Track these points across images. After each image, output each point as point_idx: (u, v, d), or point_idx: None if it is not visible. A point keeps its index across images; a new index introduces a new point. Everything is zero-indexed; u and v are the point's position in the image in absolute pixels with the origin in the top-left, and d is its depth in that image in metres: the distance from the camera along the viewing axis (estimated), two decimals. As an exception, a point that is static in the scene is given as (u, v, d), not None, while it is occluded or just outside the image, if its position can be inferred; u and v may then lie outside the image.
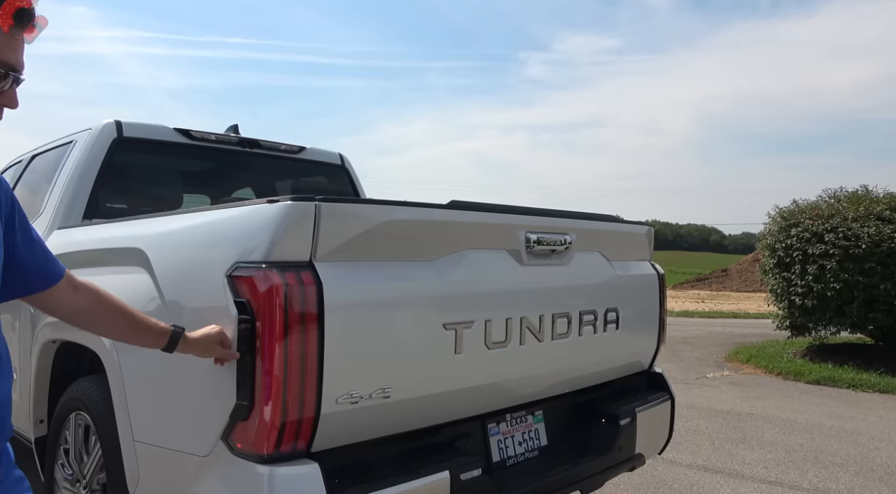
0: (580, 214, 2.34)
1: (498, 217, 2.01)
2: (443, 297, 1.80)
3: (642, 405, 2.50)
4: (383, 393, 1.65)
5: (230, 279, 1.56)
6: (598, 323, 2.36)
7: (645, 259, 2.77)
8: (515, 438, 2.18)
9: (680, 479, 3.71)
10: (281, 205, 1.56)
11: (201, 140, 3.28)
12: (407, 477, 1.64)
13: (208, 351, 1.51)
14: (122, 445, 1.85)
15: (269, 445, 1.49)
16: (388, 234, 1.71)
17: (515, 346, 2.00)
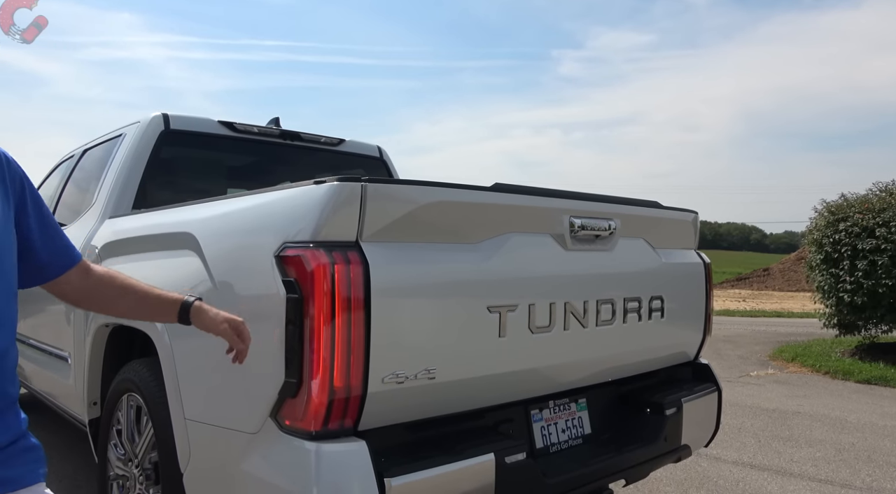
0: (624, 199, 2.30)
1: (542, 200, 2.00)
2: (486, 280, 1.79)
3: (688, 395, 2.45)
4: (428, 373, 1.65)
5: (278, 259, 1.58)
6: (642, 311, 2.32)
7: (690, 247, 2.71)
8: (559, 425, 2.16)
9: (725, 475, 3.62)
10: (328, 185, 1.57)
11: (244, 132, 3.35)
12: (452, 458, 1.64)
13: (215, 328, 1.38)
14: (174, 424, 1.90)
15: (317, 422, 1.51)
16: (432, 216, 1.71)
17: (559, 331, 1.98)
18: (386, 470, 1.50)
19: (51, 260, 1.23)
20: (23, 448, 1.10)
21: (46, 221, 1.21)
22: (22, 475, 1.09)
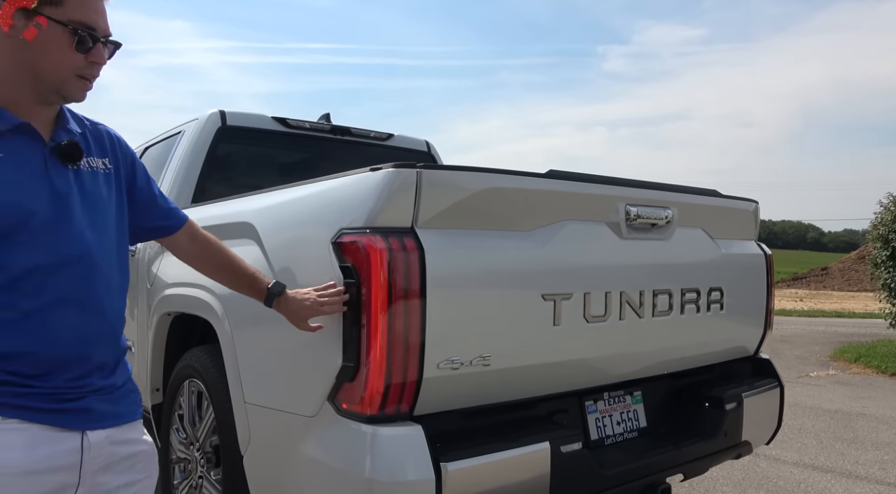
0: (682, 188, 2.25)
1: (597, 188, 1.96)
2: (541, 267, 1.78)
3: (749, 390, 2.37)
4: (483, 360, 1.65)
5: (335, 245, 1.60)
6: (700, 303, 2.25)
7: (751, 238, 2.62)
8: (613, 417, 2.12)
9: (786, 476, 3.49)
10: (384, 172, 1.59)
11: (297, 128, 3.42)
12: (507, 445, 1.63)
13: (292, 318, 1.56)
14: (234, 408, 1.95)
15: (374, 406, 1.52)
16: (486, 203, 1.71)
17: (615, 321, 1.95)
18: (442, 455, 1.51)
19: (161, 222, 1.46)
20: (130, 390, 1.33)
21: (156, 190, 1.46)
22: (130, 411, 1.31)
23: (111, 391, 1.26)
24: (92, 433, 1.20)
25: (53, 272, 1.16)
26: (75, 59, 1.17)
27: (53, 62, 1.16)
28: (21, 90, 1.17)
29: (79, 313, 1.19)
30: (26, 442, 1.12)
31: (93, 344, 1.21)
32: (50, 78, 1.17)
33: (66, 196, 1.19)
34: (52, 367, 1.15)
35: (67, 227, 1.18)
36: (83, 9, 1.16)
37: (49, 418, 1.15)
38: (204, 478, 2.24)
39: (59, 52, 1.15)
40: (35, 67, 1.16)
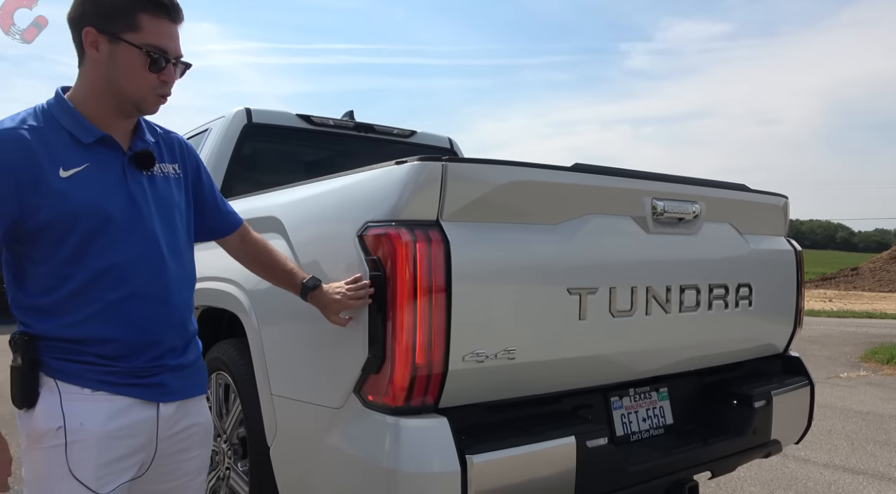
0: (710, 182, 2.22)
1: (623, 181, 1.95)
2: (566, 261, 1.77)
3: (779, 388, 2.33)
4: (508, 354, 1.64)
5: (361, 238, 1.61)
6: (728, 299, 2.22)
7: (780, 234, 2.57)
8: (639, 414, 2.10)
9: (815, 477, 3.42)
10: (409, 165, 1.59)
11: (321, 125, 3.45)
12: (533, 439, 1.63)
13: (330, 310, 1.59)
14: (261, 400, 1.97)
15: (399, 398, 1.53)
16: (511, 196, 1.70)
17: (641, 316, 1.93)
18: (467, 447, 1.51)
19: (219, 223, 1.60)
20: (199, 367, 1.50)
21: (216, 194, 1.59)
22: (198, 385, 1.49)
23: (183, 369, 1.42)
24: (164, 405, 1.37)
25: (130, 268, 1.31)
26: (150, 78, 1.30)
27: (131, 81, 1.29)
28: (104, 105, 1.31)
29: (151, 304, 1.34)
30: (110, 412, 1.29)
31: (163, 331, 1.37)
32: (129, 95, 1.31)
33: (141, 199, 1.34)
34: (132, 351, 1.32)
35: (141, 228, 1.33)
36: (157, 34, 1.29)
37: (129, 391, 1.32)
38: (231, 469, 2.27)
39: (136, 72, 1.29)
40: (116, 85, 1.29)
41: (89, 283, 1.28)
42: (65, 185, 1.24)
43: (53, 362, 1.28)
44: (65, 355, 1.28)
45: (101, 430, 1.27)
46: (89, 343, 1.28)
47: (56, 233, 1.25)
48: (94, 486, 1.26)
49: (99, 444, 1.27)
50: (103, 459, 1.27)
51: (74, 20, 1.29)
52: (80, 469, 1.25)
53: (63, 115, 1.29)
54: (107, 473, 1.28)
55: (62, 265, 1.27)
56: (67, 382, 1.28)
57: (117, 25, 1.26)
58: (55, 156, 1.24)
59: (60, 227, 1.24)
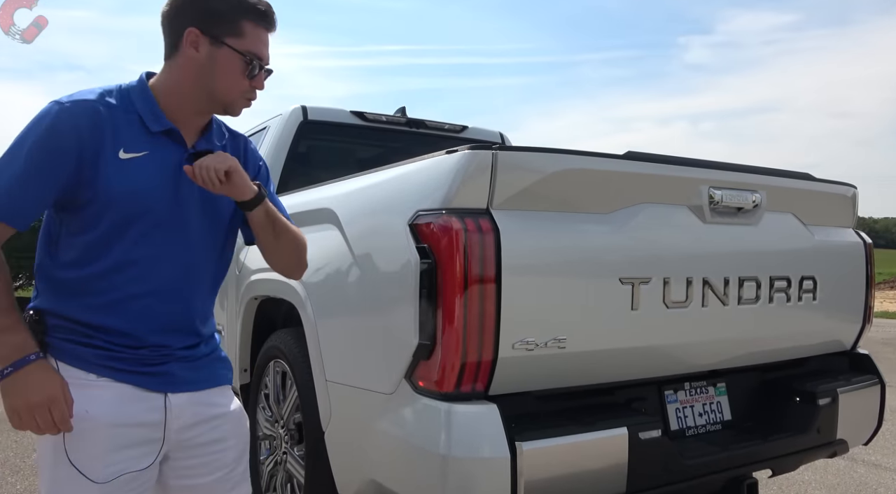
0: (771, 170, 2.14)
1: (678, 170, 1.91)
2: (619, 250, 1.75)
3: (845, 386, 2.22)
4: (558, 343, 1.64)
5: (412, 227, 1.64)
6: (791, 292, 2.14)
7: (847, 225, 2.46)
8: (695, 408, 2.05)
9: (887, 483, 3.25)
10: (460, 154, 1.61)
11: (374, 121, 3.51)
12: (583, 429, 1.62)
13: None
14: (316, 386, 2.03)
15: (450, 384, 1.55)
16: (562, 184, 1.70)
17: (697, 308, 1.88)
18: (517, 434, 1.51)
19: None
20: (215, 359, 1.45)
21: (273, 198, 1.48)
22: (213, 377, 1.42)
23: (193, 360, 1.37)
24: (173, 395, 1.32)
25: (158, 265, 1.30)
26: (244, 83, 1.33)
27: (226, 84, 1.32)
28: (186, 101, 1.32)
29: (171, 305, 1.33)
30: (115, 399, 1.26)
31: (177, 332, 1.34)
32: (220, 96, 1.33)
33: (188, 198, 1.32)
34: (141, 344, 1.30)
35: (179, 227, 1.32)
36: (256, 42, 1.32)
37: (133, 379, 1.28)
38: (288, 454, 2.35)
39: (232, 76, 1.31)
40: (209, 86, 1.31)
41: (114, 270, 1.26)
42: (119, 167, 1.24)
43: (60, 343, 1.26)
44: (72, 336, 1.26)
45: (106, 418, 1.24)
46: (100, 329, 1.27)
47: (94, 210, 1.24)
48: (96, 476, 1.23)
49: (104, 432, 1.24)
50: (107, 447, 1.24)
51: (173, 18, 1.31)
52: (81, 457, 1.23)
53: (140, 100, 1.30)
54: (110, 462, 1.24)
55: (93, 245, 1.26)
56: (73, 366, 1.25)
57: (221, 29, 1.29)
58: (120, 137, 1.25)
59: (99, 206, 1.24)
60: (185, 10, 1.30)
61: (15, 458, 3.59)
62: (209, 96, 1.32)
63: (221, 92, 1.32)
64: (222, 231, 1.41)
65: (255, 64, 1.32)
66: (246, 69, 1.31)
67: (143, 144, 1.27)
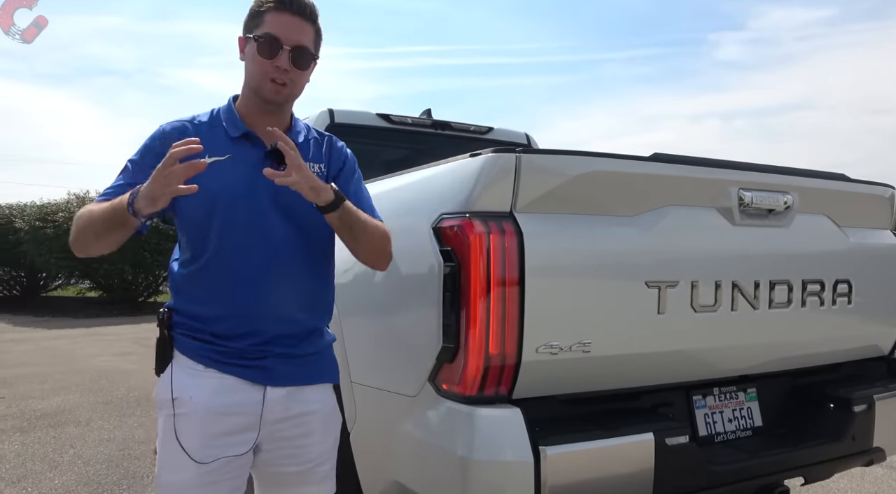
0: (803, 171, 2.09)
1: (706, 171, 1.88)
2: (645, 254, 1.72)
3: (882, 392, 2.16)
4: (583, 347, 1.62)
5: (435, 230, 1.65)
6: (824, 295, 2.08)
7: (885, 227, 2.39)
8: (724, 414, 2.01)
9: (928, 494, 3.14)
10: (483, 157, 1.61)
11: (399, 123, 3.53)
12: (608, 434, 1.60)
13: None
14: (342, 388, 2.05)
15: (473, 387, 1.55)
16: (586, 187, 1.68)
17: (726, 312, 1.85)
18: (541, 439, 1.50)
19: None
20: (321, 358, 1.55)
21: (361, 194, 1.58)
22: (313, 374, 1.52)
23: (294, 357, 1.47)
24: (272, 389, 1.44)
25: (238, 254, 1.41)
26: (264, 64, 1.42)
27: (251, 71, 1.45)
28: (249, 103, 1.48)
29: (254, 291, 1.42)
30: (217, 388, 1.40)
31: (264, 320, 1.43)
32: (252, 85, 1.45)
33: (265, 192, 1.42)
34: (239, 333, 1.42)
35: (257, 219, 1.42)
36: (273, 23, 1.42)
37: (235, 371, 1.42)
38: (314, 454, 2.37)
39: (254, 61, 1.43)
40: (247, 80, 1.47)
41: (208, 262, 1.41)
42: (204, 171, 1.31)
43: (179, 336, 1.44)
44: (188, 331, 1.43)
45: (207, 405, 1.39)
46: (206, 320, 1.42)
47: (187, 211, 1.41)
48: (197, 456, 1.37)
49: (204, 417, 1.38)
50: (208, 432, 1.38)
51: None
52: (186, 438, 1.37)
53: (225, 114, 1.49)
54: (210, 445, 1.38)
55: (192, 241, 1.43)
56: (186, 356, 1.43)
57: (251, 28, 1.44)
58: (207, 147, 1.33)
59: (188, 207, 1.40)
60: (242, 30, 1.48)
61: (53, 453, 3.70)
62: (252, 91, 1.46)
63: (251, 80, 1.45)
64: (308, 218, 1.45)
65: (266, 42, 1.40)
66: (263, 50, 1.41)
67: (225, 150, 1.40)
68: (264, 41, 1.41)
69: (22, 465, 3.50)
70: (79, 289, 14.23)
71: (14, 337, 8.31)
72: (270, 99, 1.45)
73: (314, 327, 1.53)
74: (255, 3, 1.45)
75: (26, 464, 3.51)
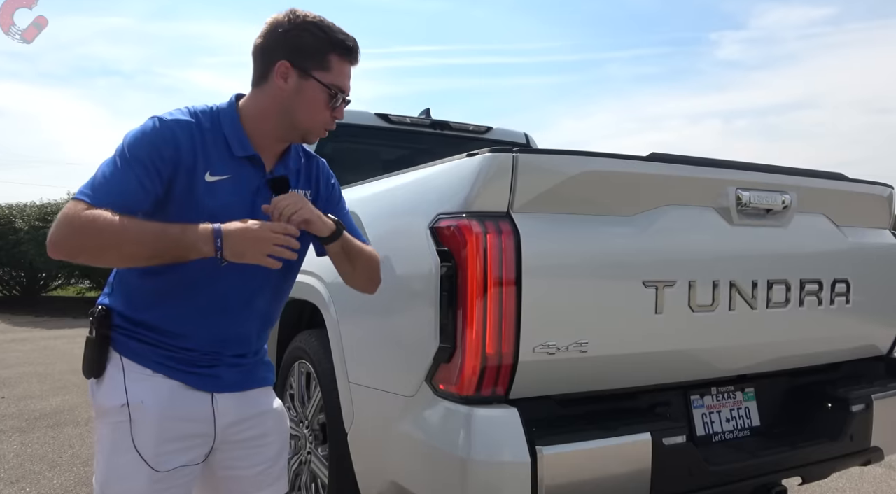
0: (802, 171, 2.09)
1: (704, 171, 1.87)
2: (642, 253, 1.72)
3: (881, 392, 2.16)
4: (580, 346, 1.62)
5: (432, 230, 1.64)
6: (822, 295, 2.08)
7: (883, 226, 2.39)
8: (722, 414, 2.01)
9: (927, 493, 3.14)
10: (480, 156, 1.60)
11: (398, 123, 3.53)
12: (605, 434, 1.60)
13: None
14: (339, 388, 2.05)
15: (470, 387, 1.54)
16: (584, 187, 1.68)
17: (723, 312, 1.85)
18: (538, 439, 1.50)
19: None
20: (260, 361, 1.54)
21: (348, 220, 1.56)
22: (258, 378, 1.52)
23: (241, 365, 1.47)
24: (220, 395, 1.42)
25: (220, 282, 1.36)
26: (326, 114, 1.41)
27: (309, 114, 1.39)
28: (269, 128, 1.40)
29: (231, 320, 1.41)
30: (168, 393, 1.36)
31: (229, 344, 1.43)
32: (303, 125, 1.40)
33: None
34: (195, 348, 1.39)
35: None
36: (341, 75, 1.40)
37: (183, 377, 1.38)
38: (312, 454, 2.38)
39: (316, 107, 1.39)
40: (293, 115, 1.39)
41: (186, 283, 1.34)
42: (204, 189, 1.32)
43: (123, 339, 1.36)
44: (134, 334, 1.36)
45: (160, 410, 1.34)
46: (162, 333, 1.36)
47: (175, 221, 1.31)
48: (153, 463, 1.32)
49: (158, 423, 1.33)
50: (162, 437, 1.33)
51: (266, 50, 1.38)
52: (142, 444, 1.32)
53: (227, 123, 1.37)
54: (166, 452, 1.34)
55: None
56: (132, 360, 1.35)
57: (310, 63, 1.36)
58: (209, 159, 1.33)
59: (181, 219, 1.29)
60: (278, 43, 1.37)
61: (52, 453, 3.70)
62: (291, 125, 1.39)
63: (303, 121, 1.39)
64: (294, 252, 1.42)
65: (339, 96, 1.40)
66: (329, 101, 1.39)
67: (226, 168, 1.36)
68: (333, 92, 1.38)
69: (21, 465, 3.50)
70: (78, 289, 14.24)
71: (14, 337, 8.31)
72: (312, 141, 1.45)
73: (260, 345, 1.54)
74: (315, 34, 1.36)
75: (25, 464, 3.51)
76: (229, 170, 1.35)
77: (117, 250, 1.23)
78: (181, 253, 1.24)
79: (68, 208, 1.22)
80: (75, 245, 1.23)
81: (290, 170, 1.46)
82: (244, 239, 1.24)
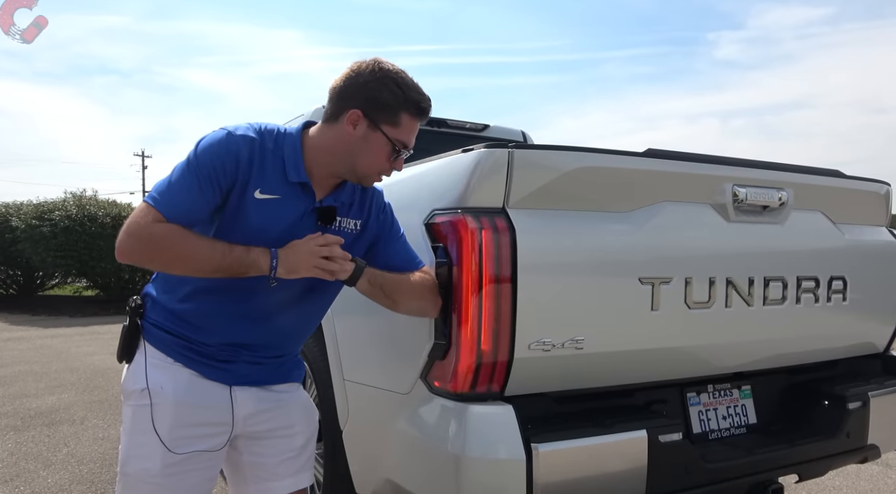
0: (798, 167, 2.08)
1: (701, 167, 1.87)
2: (638, 250, 1.71)
3: (877, 389, 2.15)
4: (576, 343, 1.61)
5: (428, 226, 1.63)
6: (819, 292, 2.08)
7: (880, 224, 2.38)
8: (719, 411, 2.01)
9: (924, 491, 3.14)
10: (475, 152, 1.60)
11: (396, 121, 3.52)
12: (601, 431, 1.59)
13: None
14: (335, 386, 2.04)
15: (465, 384, 1.53)
16: (581, 183, 1.67)
17: (720, 309, 1.84)
18: (533, 436, 1.49)
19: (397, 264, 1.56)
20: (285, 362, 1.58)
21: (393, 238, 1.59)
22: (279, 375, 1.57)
23: (259, 363, 1.51)
24: (238, 388, 1.48)
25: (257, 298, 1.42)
26: (386, 164, 1.46)
27: (370, 161, 1.44)
28: (328, 164, 1.44)
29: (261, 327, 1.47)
30: (187, 381, 1.43)
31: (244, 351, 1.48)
32: (361, 170, 1.45)
33: None
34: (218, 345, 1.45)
35: None
36: (408, 132, 1.45)
37: (200, 368, 1.44)
38: (307, 452, 2.36)
39: (378, 156, 1.43)
40: (353, 159, 1.43)
41: (226, 290, 1.40)
42: (252, 204, 1.37)
43: (150, 327, 1.45)
44: (162, 324, 1.44)
45: (178, 396, 1.41)
46: (186, 323, 1.43)
47: (223, 236, 1.37)
48: (170, 445, 1.39)
49: (176, 408, 1.40)
50: (179, 422, 1.40)
51: (342, 94, 1.42)
52: (161, 427, 1.39)
53: (289, 148, 1.41)
54: (182, 436, 1.40)
55: None
56: (156, 348, 1.44)
57: (382, 117, 1.40)
58: (263, 177, 1.38)
59: (230, 234, 1.37)
60: (356, 92, 1.40)
61: (47, 452, 3.68)
62: (351, 167, 1.44)
63: (363, 167, 1.44)
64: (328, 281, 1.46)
65: (402, 151, 1.45)
66: (392, 154, 1.44)
67: (278, 188, 1.39)
68: (397, 147, 1.43)
69: (15, 464, 3.49)
70: (75, 288, 14.20)
71: (10, 336, 8.28)
72: (367, 185, 1.50)
73: (286, 353, 1.59)
74: (393, 91, 1.39)
75: (20, 463, 3.50)
76: (280, 191, 1.39)
77: (185, 264, 1.34)
78: (243, 271, 1.34)
79: (139, 217, 1.31)
80: (145, 258, 1.34)
81: (342, 202, 1.49)
82: (296, 253, 1.35)
